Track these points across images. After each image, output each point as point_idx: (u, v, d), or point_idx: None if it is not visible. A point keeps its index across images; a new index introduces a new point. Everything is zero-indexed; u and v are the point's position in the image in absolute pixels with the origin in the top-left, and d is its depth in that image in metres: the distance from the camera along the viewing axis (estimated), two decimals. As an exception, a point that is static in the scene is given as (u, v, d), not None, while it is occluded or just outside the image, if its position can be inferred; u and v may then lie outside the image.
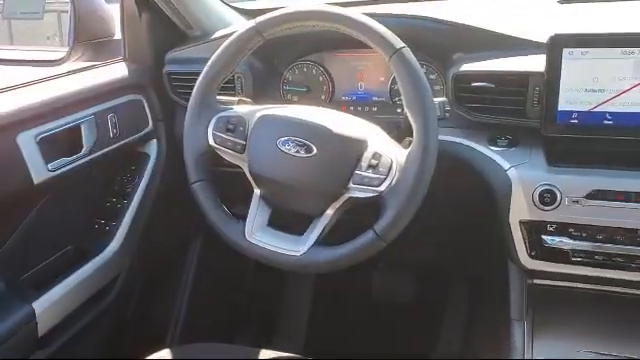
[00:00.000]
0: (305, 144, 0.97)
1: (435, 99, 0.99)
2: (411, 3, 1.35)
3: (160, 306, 1.59)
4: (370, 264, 1.87)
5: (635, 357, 0.98)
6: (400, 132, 1.03)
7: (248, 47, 1.03)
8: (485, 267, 1.22)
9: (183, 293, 1.59)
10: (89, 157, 1.21)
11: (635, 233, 0.98)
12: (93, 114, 1.22)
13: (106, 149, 1.25)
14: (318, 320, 1.84)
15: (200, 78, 1.05)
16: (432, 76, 1.23)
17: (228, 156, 1.05)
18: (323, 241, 1.00)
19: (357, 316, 1.84)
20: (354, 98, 1.32)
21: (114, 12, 1.40)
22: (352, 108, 1.31)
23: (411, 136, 0.94)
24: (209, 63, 1.05)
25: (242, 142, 1.03)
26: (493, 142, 1.12)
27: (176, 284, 1.60)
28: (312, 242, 0.98)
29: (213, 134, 1.04)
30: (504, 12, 1.26)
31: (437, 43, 1.17)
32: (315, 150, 0.96)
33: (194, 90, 1.06)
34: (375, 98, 1.30)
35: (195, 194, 1.05)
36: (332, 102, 1.32)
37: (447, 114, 1.10)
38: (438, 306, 1.78)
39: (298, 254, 0.98)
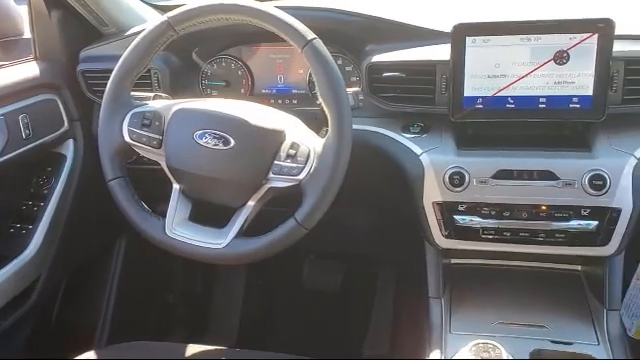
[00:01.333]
0: (222, 136, 0.98)
1: (349, 89, 1.02)
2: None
3: (86, 308, 1.55)
4: (301, 255, 1.91)
5: (540, 324, 1.05)
6: (318, 122, 1.06)
7: (160, 42, 1.03)
8: (407, 250, 1.27)
9: (109, 294, 1.56)
10: (0, 159, 1.16)
11: (538, 208, 1.05)
12: (2, 115, 1.18)
13: (19, 150, 1.21)
14: (250, 314, 1.85)
15: (112, 75, 1.04)
16: (348, 68, 1.27)
17: (144, 152, 1.04)
18: (246, 232, 1.01)
19: (290, 307, 1.86)
20: (274, 91, 1.33)
21: (23, 12, 1.35)
22: (272, 101, 1.33)
23: (327, 126, 0.97)
24: (121, 59, 1.04)
25: (158, 137, 1.03)
26: (406, 129, 1.16)
27: (102, 285, 1.57)
28: (234, 234, 0.99)
29: (128, 130, 1.03)
30: (413, 3, 1.31)
31: (351, 35, 1.21)
32: (233, 142, 0.97)
33: (107, 87, 1.04)
34: (295, 91, 1.32)
35: (112, 192, 1.04)
36: (252, 96, 1.33)
37: (361, 103, 1.15)
38: (368, 291, 1.82)
39: (220, 247, 0.99)
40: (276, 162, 0.97)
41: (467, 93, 1.08)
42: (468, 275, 1.21)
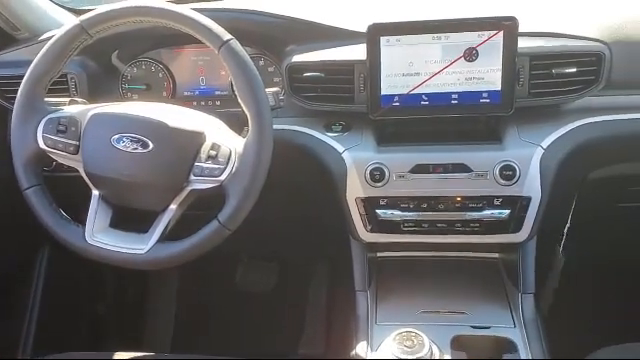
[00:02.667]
0: (141, 140, 0.97)
1: (268, 89, 1.03)
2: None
3: (8, 322, 1.49)
4: (233, 258, 1.90)
5: (461, 310, 1.09)
6: (240, 123, 1.07)
7: (74, 46, 1.01)
8: (337, 246, 1.29)
9: (32, 308, 1.51)
10: None
11: (454, 200, 1.09)
12: None
13: None
14: (184, 319, 1.82)
15: (24, 80, 1.01)
16: (270, 68, 1.28)
17: (61, 158, 1.02)
18: (170, 236, 1.01)
19: (224, 310, 1.85)
20: (196, 93, 1.33)
21: None
22: (195, 103, 1.32)
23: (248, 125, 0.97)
24: (32, 64, 1.01)
25: (75, 143, 1.00)
26: (329, 128, 1.18)
27: (24, 298, 1.51)
28: (156, 238, 0.99)
29: (43, 137, 1.01)
30: (330, 4, 1.33)
31: (271, 36, 1.22)
32: (152, 145, 0.97)
33: (18, 93, 1.02)
34: (217, 92, 1.32)
35: (28, 201, 1.01)
36: (174, 99, 1.32)
37: (282, 103, 1.16)
38: (302, 290, 1.84)
39: (142, 252, 0.98)
40: (197, 164, 0.97)
41: (384, 91, 1.11)
42: (394, 267, 1.24)
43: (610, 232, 1.45)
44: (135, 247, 0.98)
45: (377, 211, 1.12)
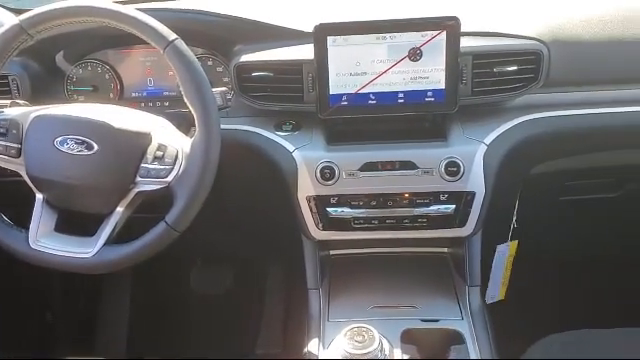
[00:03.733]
0: (85, 142, 0.95)
1: (216, 89, 1.03)
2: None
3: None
4: (188, 261, 1.88)
5: (411, 304, 1.11)
6: (188, 123, 1.06)
7: (13, 46, 0.98)
8: (291, 245, 1.30)
9: None
10: None
11: (402, 196, 1.12)
12: None
13: None
14: (139, 324, 1.80)
15: None
16: (219, 68, 1.27)
17: (2, 162, 1.00)
18: (117, 239, 0.99)
19: (180, 314, 1.84)
20: (144, 94, 1.31)
21: None
22: (143, 104, 1.30)
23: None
24: None
25: (16, 146, 0.98)
26: (279, 127, 1.19)
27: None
28: (103, 242, 0.97)
29: None
30: (279, 4, 1.34)
31: (219, 36, 1.22)
32: (96, 147, 0.95)
33: None
34: (166, 93, 1.31)
35: None
36: (122, 100, 1.30)
37: (230, 103, 1.16)
38: (258, 291, 1.84)
39: (88, 255, 0.96)
40: (143, 165, 0.96)
41: (332, 91, 1.12)
42: (346, 265, 1.26)
43: (552, 225, 1.50)
44: (81, 251, 0.97)
45: (328, 209, 1.13)
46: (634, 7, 1.20)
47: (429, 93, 1.12)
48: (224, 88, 1.07)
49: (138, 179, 0.96)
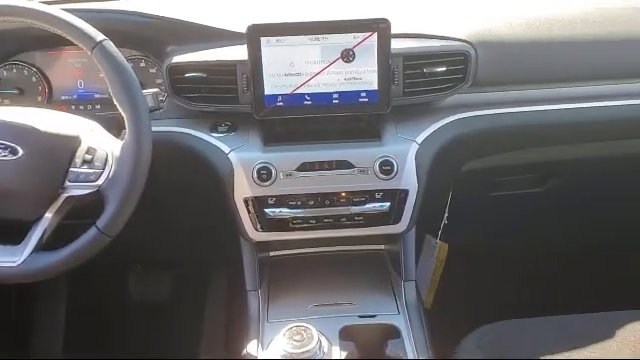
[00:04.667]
0: (9, 146, 0.92)
1: (147, 90, 1.02)
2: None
3: None
4: (126, 268, 1.84)
5: (349, 301, 1.13)
6: (119, 126, 1.04)
7: None
8: (231, 247, 1.29)
9: None
10: None
11: (338, 195, 1.13)
12: None
13: None
14: (75, 334, 1.74)
15: None
16: (152, 70, 1.25)
17: None
18: (47, 246, 0.96)
19: (118, 322, 1.79)
20: (74, 97, 1.27)
21: None
22: (73, 107, 1.26)
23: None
24: None
25: None
26: (214, 129, 1.18)
27: None
28: (31, 249, 0.94)
29: None
30: (214, 5, 1.33)
31: (150, 37, 1.20)
32: (21, 151, 0.92)
33: None
34: (97, 95, 1.27)
35: None
36: (51, 103, 1.25)
37: (162, 104, 1.15)
38: (200, 295, 1.82)
39: (15, 264, 0.93)
40: (72, 169, 0.93)
41: (267, 91, 1.12)
42: (286, 265, 1.26)
43: (483, 220, 1.56)
44: (7, 260, 0.93)
45: (266, 210, 1.13)
46: (557, 9, 1.26)
47: (363, 94, 1.13)
48: (156, 89, 1.06)
49: (67, 184, 0.93)
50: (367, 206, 1.13)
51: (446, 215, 1.29)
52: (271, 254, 1.28)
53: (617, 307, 1.13)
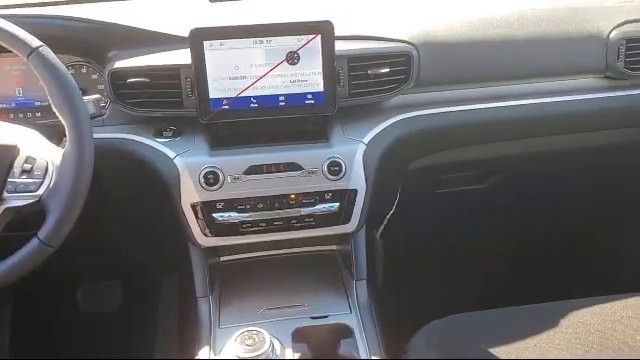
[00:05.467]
0: (-60, 158, 0.88)
1: (88, 96, 1.00)
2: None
3: None
4: (74, 278, 1.79)
5: (301, 303, 1.13)
6: (60, 134, 1.01)
7: None
8: (182, 254, 1.28)
9: None
10: None
11: (288, 197, 1.13)
12: None
13: None
14: (21, 350, 1.68)
15: None
16: (94, 76, 1.22)
17: None
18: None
19: (67, 336, 1.74)
20: (13, 105, 1.23)
21: None
22: (12, 116, 1.22)
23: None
24: None
25: None
26: (159, 134, 1.16)
27: None
28: (-33, 263, 0.90)
29: None
30: (158, 10, 1.32)
31: (90, 42, 1.17)
32: (-46, 163, 0.88)
33: None
34: (38, 103, 1.23)
35: None
36: (-14, 112, 1.21)
37: (105, 111, 1.13)
38: (152, 304, 1.78)
39: None
40: (10, 180, 0.90)
41: (212, 95, 1.12)
42: (237, 270, 1.25)
43: (430, 217, 1.59)
44: None
45: (214, 215, 1.12)
46: (494, 10, 1.30)
47: (309, 96, 1.14)
48: (97, 95, 1.04)
49: (5, 195, 0.90)
50: (317, 207, 1.14)
51: (391, 212, 1.31)
52: (222, 259, 1.27)
53: (556, 298, 1.18)
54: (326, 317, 1.10)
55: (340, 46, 1.13)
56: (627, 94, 1.33)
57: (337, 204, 1.14)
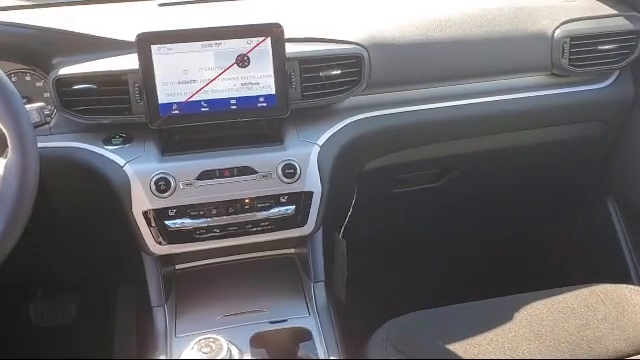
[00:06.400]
0: None
1: (30, 105, 0.97)
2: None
3: None
4: (26, 292, 1.73)
5: (260, 308, 1.12)
6: (3, 143, 0.98)
7: None
8: (136, 262, 1.25)
9: None
10: None
11: (242, 202, 1.12)
12: None
13: None
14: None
15: None
16: (39, 83, 1.18)
17: None
18: None
19: (21, 351, 1.68)
20: (-48, 115, 1.18)
21: None
22: (-49, 126, 1.18)
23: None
24: None
25: None
26: (108, 142, 1.14)
27: None
28: None
29: None
30: (106, 15, 1.29)
31: (33, 49, 1.13)
32: None
33: None
34: None
35: None
36: None
37: (50, 119, 1.09)
38: (108, 315, 1.74)
39: None
40: None
41: (162, 100, 1.10)
42: (194, 277, 1.24)
43: (388, 216, 1.60)
44: None
45: (167, 222, 1.10)
46: (443, 11, 1.32)
47: (261, 98, 1.13)
48: (40, 104, 1.01)
49: (-56, 207, 0.86)
50: (272, 211, 1.13)
51: (350, 213, 1.31)
52: (177, 267, 1.25)
53: (511, 292, 1.20)
54: (285, 321, 1.09)
55: (291, 48, 1.13)
56: (572, 90, 1.37)
57: (293, 207, 1.14)
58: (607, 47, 1.34)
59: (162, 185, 1.08)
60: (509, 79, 1.33)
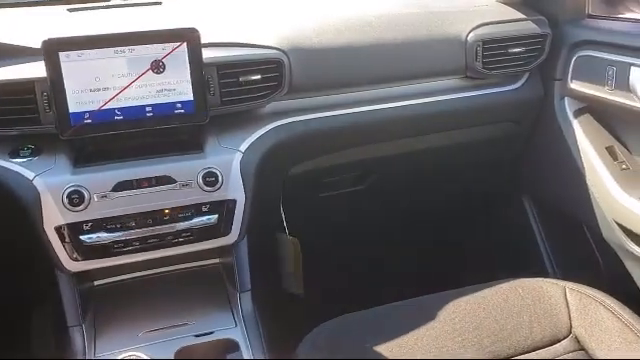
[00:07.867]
0: None
1: None
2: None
3: None
4: None
5: (184, 322, 1.09)
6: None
7: None
8: (51, 281, 1.18)
9: None
10: None
11: (162, 213, 1.08)
12: None
13: None
14: None
15: None
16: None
17: None
18: None
19: None
20: None
21: None
22: None
23: None
24: None
25: None
26: (15, 154, 1.07)
27: None
28: None
29: None
30: (13, 21, 1.22)
31: None
32: None
33: None
34: None
35: None
36: None
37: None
38: (23, 338, 1.64)
39: None
40: None
41: (72, 109, 1.04)
42: (114, 293, 1.19)
43: (316, 220, 1.60)
44: None
45: (81, 237, 1.04)
46: (361, 15, 1.33)
47: (178, 105, 1.10)
48: None
49: None
50: (194, 221, 1.10)
51: (283, 216, 1.30)
52: (96, 283, 1.19)
53: (439, 290, 1.22)
54: (211, 333, 1.07)
55: (209, 54, 1.11)
56: (485, 92, 1.42)
57: (215, 216, 1.11)
58: (517, 50, 1.39)
59: (75, 198, 1.02)
60: (425, 82, 1.36)
